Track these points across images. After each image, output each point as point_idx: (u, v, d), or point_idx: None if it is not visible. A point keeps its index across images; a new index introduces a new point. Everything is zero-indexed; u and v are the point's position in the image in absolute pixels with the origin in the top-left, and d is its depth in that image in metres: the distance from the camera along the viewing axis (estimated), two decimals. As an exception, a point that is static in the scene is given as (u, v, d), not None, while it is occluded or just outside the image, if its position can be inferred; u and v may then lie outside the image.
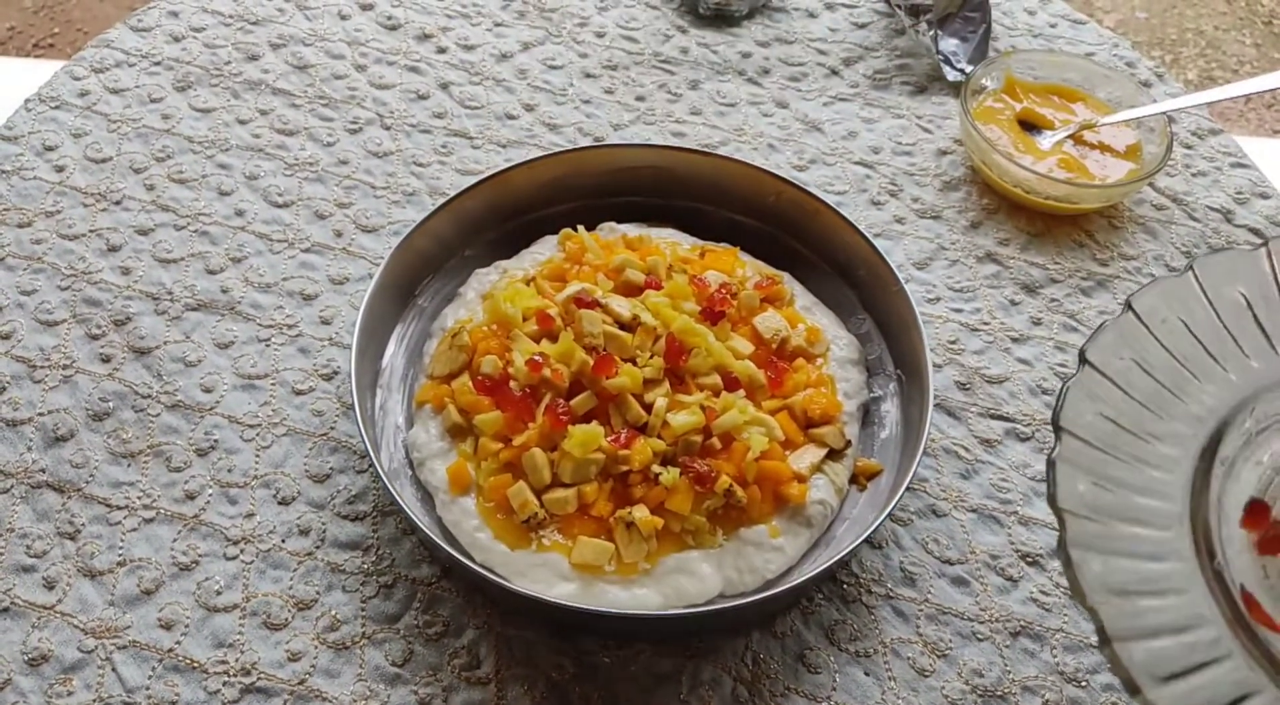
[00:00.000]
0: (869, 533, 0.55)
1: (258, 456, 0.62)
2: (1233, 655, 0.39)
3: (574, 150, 0.71)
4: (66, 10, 2.01)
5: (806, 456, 0.60)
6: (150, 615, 0.56)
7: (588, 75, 0.85)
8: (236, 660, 0.55)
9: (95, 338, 0.66)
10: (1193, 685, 0.38)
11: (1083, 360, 0.46)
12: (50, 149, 0.77)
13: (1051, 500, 0.42)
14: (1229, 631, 0.40)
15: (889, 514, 0.55)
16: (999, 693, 0.56)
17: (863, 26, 0.91)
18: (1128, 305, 0.48)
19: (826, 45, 0.89)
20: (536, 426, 0.57)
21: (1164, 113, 0.77)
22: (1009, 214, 0.78)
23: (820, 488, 0.59)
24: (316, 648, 0.55)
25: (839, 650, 0.57)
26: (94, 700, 0.53)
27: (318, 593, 0.57)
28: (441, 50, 0.86)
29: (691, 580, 0.55)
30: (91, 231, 0.72)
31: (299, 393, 0.65)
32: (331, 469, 0.62)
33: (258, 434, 0.63)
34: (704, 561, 0.56)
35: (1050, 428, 0.61)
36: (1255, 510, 0.44)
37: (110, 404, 0.64)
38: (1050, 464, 0.43)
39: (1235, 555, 0.43)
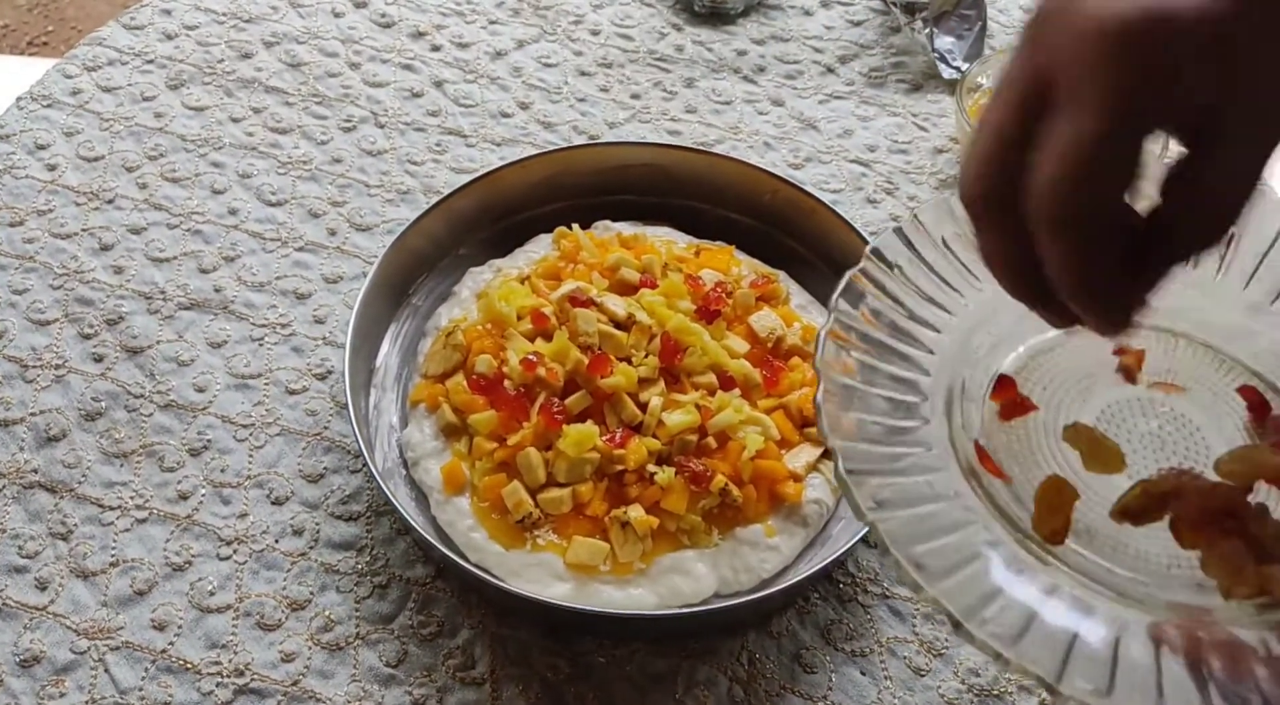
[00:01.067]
0: (865, 532, 0.54)
1: (251, 456, 0.62)
2: (971, 509, 0.39)
3: (569, 148, 0.71)
4: (60, 8, 2.01)
5: (802, 455, 0.60)
6: (143, 616, 0.56)
7: (582, 73, 0.85)
8: (230, 661, 0.54)
9: (87, 337, 0.66)
10: (944, 544, 0.38)
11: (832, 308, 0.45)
12: (42, 147, 0.76)
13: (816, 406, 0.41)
14: (965, 484, 0.40)
15: (885, 513, 0.55)
16: (995, 692, 0.55)
17: (858, 24, 0.91)
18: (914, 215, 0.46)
19: (822, 43, 0.89)
20: (531, 426, 0.57)
21: (1160, 111, 0.77)
22: (1005, 212, 0.77)
23: (816, 487, 0.59)
24: (310, 648, 0.55)
25: (835, 650, 0.56)
26: (86, 701, 0.53)
27: (311, 593, 0.57)
28: (436, 48, 0.86)
29: (687, 580, 0.55)
30: (84, 230, 0.72)
31: (292, 392, 0.65)
32: (325, 469, 0.62)
33: (251, 434, 0.63)
34: (699, 561, 0.56)
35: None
36: (1002, 383, 0.44)
37: (103, 404, 0.63)
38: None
39: (978, 420, 0.43)
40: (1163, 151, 0.41)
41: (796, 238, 0.70)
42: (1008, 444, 0.43)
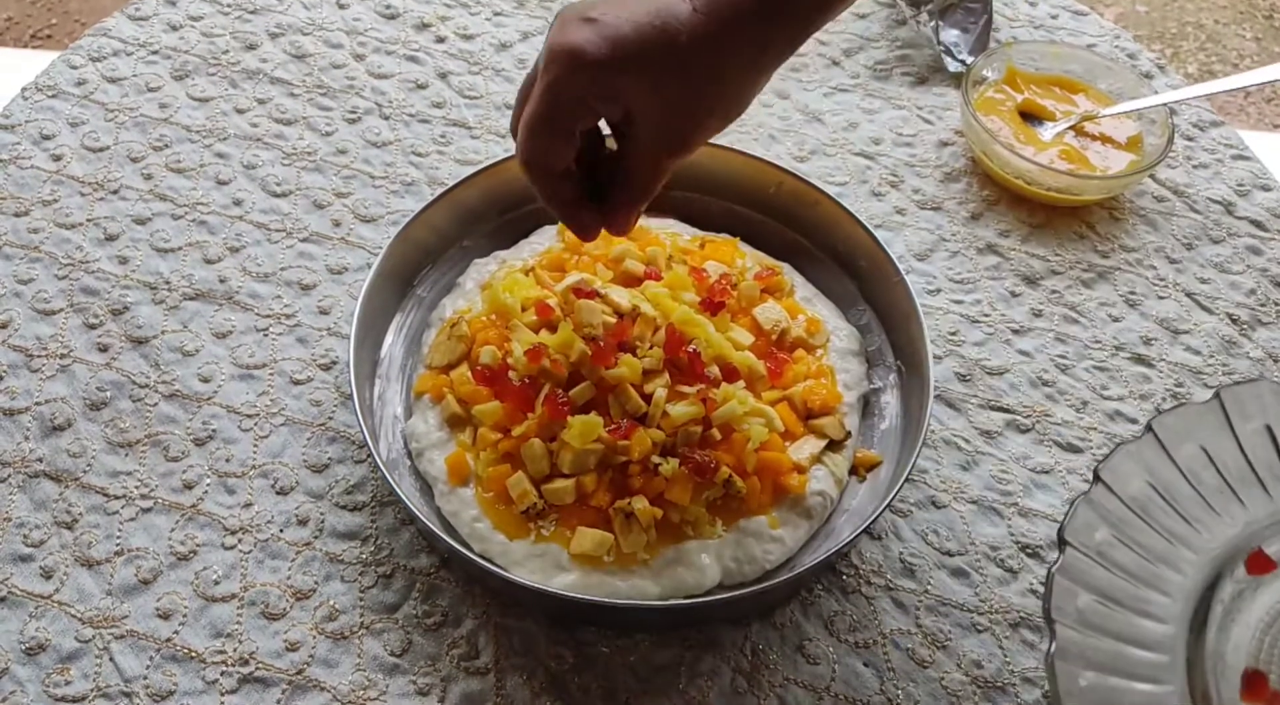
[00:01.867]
0: (868, 524, 0.55)
1: (256, 446, 0.62)
2: None
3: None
4: (64, 1, 2.00)
5: (806, 447, 0.60)
6: (148, 605, 0.56)
7: (587, 65, 0.85)
8: (234, 650, 0.55)
9: (93, 327, 0.66)
10: None
11: (1096, 478, 0.48)
12: (47, 138, 0.76)
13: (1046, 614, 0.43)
14: None
15: (888, 505, 0.55)
16: (999, 684, 0.55)
17: (864, 17, 0.90)
18: (1147, 427, 0.49)
19: (827, 36, 0.89)
20: (535, 417, 0.57)
21: (1165, 105, 0.77)
22: (1010, 205, 0.77)
23: (820, 479, 0.59)
24: (315, 638, 0.55)
25: (838, 641, 0.56)
26: (92, 690, 0.53)
27: (316, 583, 0.57)
28: (440, 39, 0.86)
29: (690, 571, 0.55)
30: (89, 220, 0.72)
31: (297, 382, 0.65)
32: (330, 459, 0.62)
33: (256, 424, 0.63)
34: (703, 552, 0.56)
35: (1049, 423, 0.61)
36: (1253, 681, 0.43)
37: (108, 393, 0.63)
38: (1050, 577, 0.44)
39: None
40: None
41: (801, 230, 0.70)
42: None
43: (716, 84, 0.47)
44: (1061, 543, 0.45)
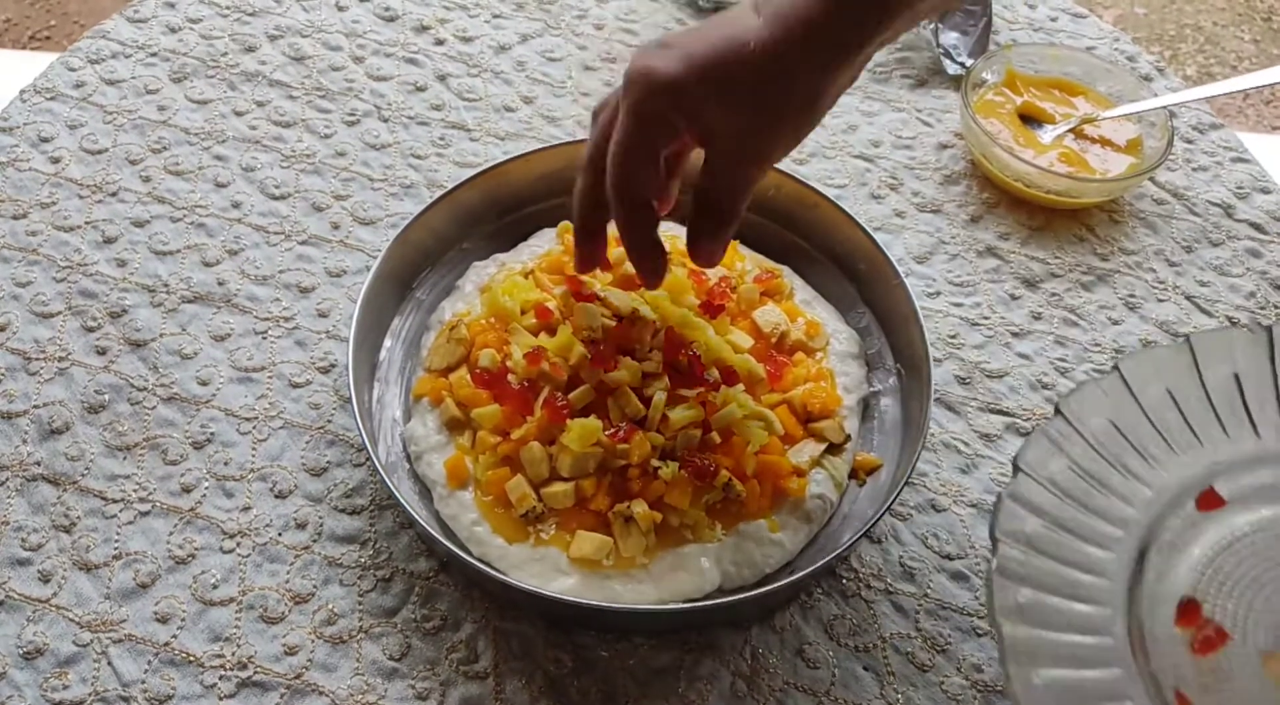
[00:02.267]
0: (868, 527, 0.54)
1: (254, 450, 0.62)
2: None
3: (573, 143, 0.71)
4: (63, 2, 2.00)
5: (806, 451, 0.60)
6: (146, 609, 0.56)
7: (587, 68, 0.85)
8: (233, 654, 0.54)
9: (91, 330, 0.66)
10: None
11: (1057, 411, 0.49)
12: (46, 140, 0.76)
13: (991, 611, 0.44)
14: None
15: (888, 508, 0.55)
16: (998, 688, 0.55)
17: (863, 20, 0.90)
18: (1056, 410, 0.50)
19: (826, 38, 0.88)
20: (535, 420, 0.57)
21: (1165, 107, 0.77)
22: (1009, 208, 0.77)
23: (819, 482, 0.59)
24: (313, 641, 0.55)
25: (838, 645, 0.56)
26: (90, 694, 0.53)
27: (315, 586, 0.57)
28: (439, 42, 0.85)
29: (690, 575, 0.55)
30: (87, 223, 0.71)
31: (296, 386, 0.65)
32: (329, 462, 0.62)
33: (254, 427, 0.63)
34: (702, 556, 0.56)
35: (1051, 421, 0.61)
36: (1187, 608, 0.45)
37: (106, 396, 0.63)
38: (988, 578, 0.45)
39: (1169, 652, 0.44)
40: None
41: (800, 233, 0.69)
42: (1205, 684, 0.43)
43: (788, 94, 0.47)
44: (1015, 469, 0.46)
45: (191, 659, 0.54)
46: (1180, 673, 0.43)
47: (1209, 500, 0.48)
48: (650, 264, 0.53)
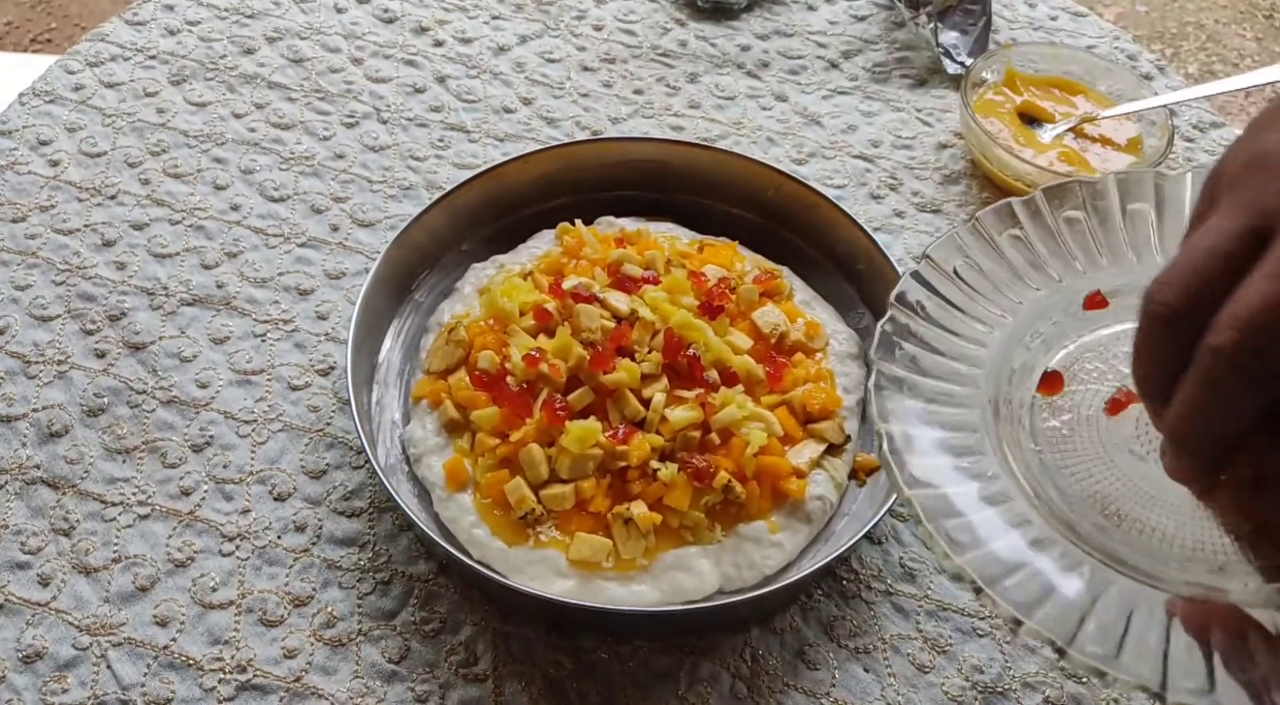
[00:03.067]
0: (868, 528, 0.54)
1: (253, 452, 0.62)
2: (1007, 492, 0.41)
3: (571, 144, 0.71)
4: (64, 5, 2.01)
5: (806, 452, 0.59)
6: (145, 612, 0.56)
7: (585, 68, 0.85)
8: (232, 657, 0.54)
9: (90, 333, 0.66)
10: (976, 519, 0.40)
11: (924, 256, 0.48)
12: (45, 143, 0.76)
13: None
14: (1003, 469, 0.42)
15: (889, 509, 0.55)
16: (999, 689, 0.55)
17: (862, 19, 0.90)
18: (973, 219, 0.49)
19: (826, 38, 0.89)
20: (534, 422, 0.57)
21: (1165, 106, 0.77)
22: (1009, 208, 0.77)
23: (819, 483, 0.59)
24: (313, 644, 0.55)
25: (838, 646, 0.56)
26: (89, 698, 0.53)
27: (314, 589, 0.57)
28: (438, 43, 0.85)
29: (690, 576, 0.55)
30: (86, 226, 0.71)
31: (295, 388, 0.65)
32: (328, 465, 0.61)
33: (253, 430, 0.63)
34: (702, 557, 0.55)
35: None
36: (1051, 378, 0.45)
37: (105, 400, 0.63)
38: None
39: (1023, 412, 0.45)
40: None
41: (800, 233, 0.69)
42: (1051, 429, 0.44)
43: None
44: (889, 307, 0.46)
45: (191, 662, 0.54)
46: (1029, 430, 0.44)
47: (1094, 302, 0.48)
48: (1200, 464, 0.33)
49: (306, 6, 0.87)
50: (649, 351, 0.60)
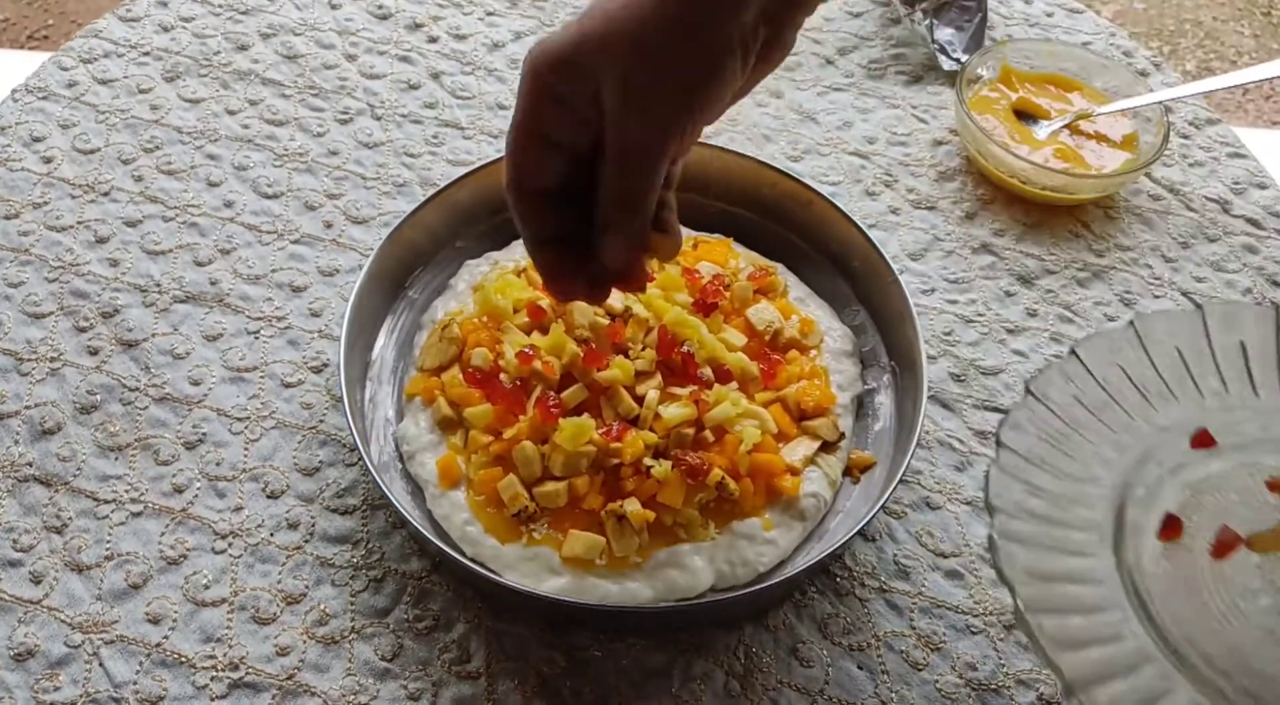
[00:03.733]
0: (862, 525, 0.54)
1: (246, 450, 0.62)
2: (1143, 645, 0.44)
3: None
4: (61, 2, 2.00)
5: (799, 449, 0.59)
6: (138, 610, 0.56)
7: (580, 65, 0.84)
8: (225, 655, 0.54)
9: (83, 330, 0.66)
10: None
11: (1027, 391, 0.51)
12: (38, 140, 0.76)
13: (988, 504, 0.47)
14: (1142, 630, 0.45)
15: (882, 506, 0.55)
16: (993, 686, 0.55)
17: (858, 16, 0.90)
18: (1072, 351, 0.52)
19: (821, 34, 0.88)
20: (527, 419, 0.57)
21: (1161, 102, 0.77)
22: (1004, 205, 0.77)
23: (813, 480, 0.59)
24: (305, 642, 0.55)
25: (832, 644, 0.56)
26: (81, 695, 0.53)
27: (307, 587, 0.57)
28: (433, 40, 0.85)
29: (683, 574, 0.55)
30: (79, 223, 0.71)
31: (288, 385, 0.64)
32: (321, 462, 0.61)
33: (246, 427, 0.62)
34: (696, 555, 0.55)
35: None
36: (1170, 524, 0.48)
37: (98, 397, 0.63)
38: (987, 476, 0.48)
39: (1148, 561, 0.47)
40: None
41: (795, 230, 0.69)
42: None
43: (689, 65, 0.43)
44: (998, 444, 0.48)
45: (183, 660, 0.54)
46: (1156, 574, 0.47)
47: (1202, 440, 0.50)
48: (544, 265, 0.48)
49: (300, 2, 0.87)
50: (643, 348, 0.60)
